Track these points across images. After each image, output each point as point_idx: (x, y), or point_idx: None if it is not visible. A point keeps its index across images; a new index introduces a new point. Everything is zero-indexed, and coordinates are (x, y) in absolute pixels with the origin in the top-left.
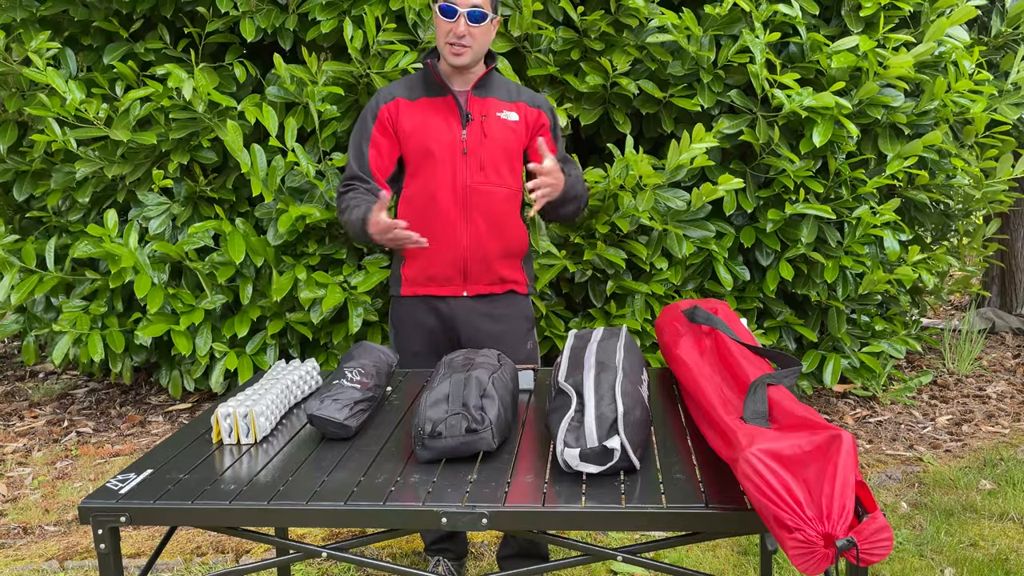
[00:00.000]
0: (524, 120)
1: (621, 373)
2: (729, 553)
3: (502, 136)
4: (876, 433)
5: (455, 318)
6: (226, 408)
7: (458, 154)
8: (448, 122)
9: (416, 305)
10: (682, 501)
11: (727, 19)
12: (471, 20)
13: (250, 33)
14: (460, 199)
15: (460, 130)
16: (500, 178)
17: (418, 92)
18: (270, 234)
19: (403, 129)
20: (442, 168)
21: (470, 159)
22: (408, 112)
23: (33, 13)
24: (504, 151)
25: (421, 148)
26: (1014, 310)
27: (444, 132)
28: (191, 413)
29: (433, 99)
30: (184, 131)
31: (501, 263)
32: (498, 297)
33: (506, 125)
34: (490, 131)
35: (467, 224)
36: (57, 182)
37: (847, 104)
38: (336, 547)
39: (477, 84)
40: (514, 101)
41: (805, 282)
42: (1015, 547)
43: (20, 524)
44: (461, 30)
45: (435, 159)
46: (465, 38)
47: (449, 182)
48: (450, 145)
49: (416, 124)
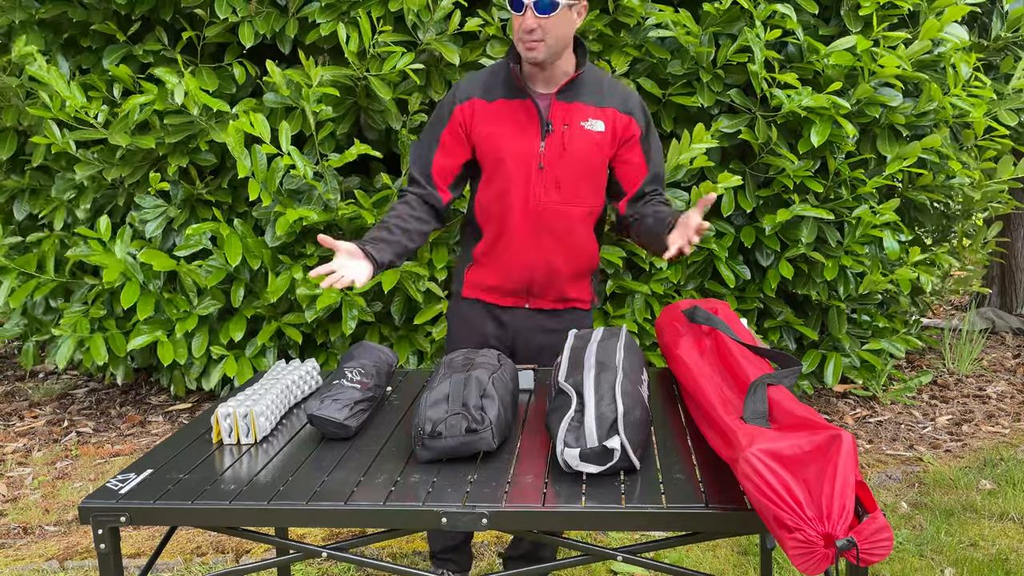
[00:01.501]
0: (612, 130)
1: (621, 373)
2: (729, 553)
3: (584, 151)
4: (876, 433)
5: (513, 328)
6: (226, 408)
7: (533, 169)
8: (526, 131)
9: (475, 308)
10: (682, 501)
11: (726, 17)
12: (539, 11)
13: (249, 39)
14: (532, 217)
15: (538, 142)
16: (577, 197)
17: (496, 93)
18: (268, 235)
19: (477, 133)
20: (515, 182)
21: (546, 175)
22: (484, 115)
23: (32, 15)
24: (585, 168)
25: (495, 157)
26: (1014, 310)
27: (520, 143)
28: (191, 413)
29: (511, 102)
30: (180, 135)
31: (568, 283)
32: (559, 312)
33: (590, 138)
34: (571, 145)
35: (536, 243)
36: (58, 189)
37: (845, 104)
38: (336, 547)
39: (564, 87)
40: (603, 107)
41: (805, 282)
42: (1015, 547)
43: (20, 524)
44: (530, 23)
45: (509, 171)
46: (535, 31)
47: (521, 198)
48: (525, 158)
49: (491, 130)
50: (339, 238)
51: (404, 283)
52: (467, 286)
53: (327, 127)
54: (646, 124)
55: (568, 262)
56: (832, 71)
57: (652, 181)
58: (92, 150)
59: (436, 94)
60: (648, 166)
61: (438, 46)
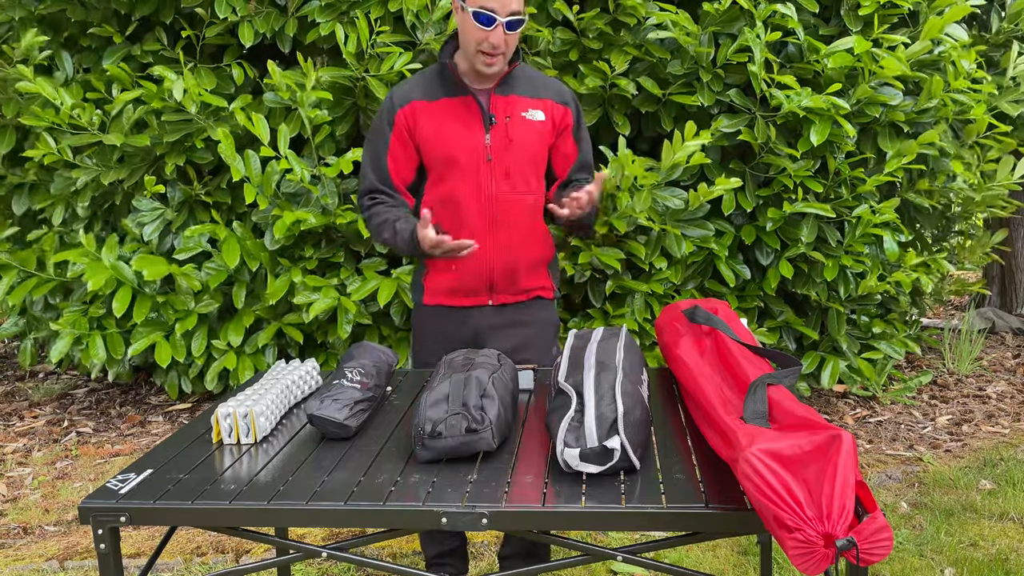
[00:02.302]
0: (551, 119)
1: (621, 373)
2: (729, 553)
3: (528, 140)
4: (876, 433)
5: (480, 327)
6: (226, 408)
7: (482, 161)
8: (470, 126)
9: (439, 314)
10: (682, 501)
11: (726, 17)
12: (509, 28)
13: (248, 38)
14: (485, 209)
15: (483, 135)
16: (527, 185)
17: (436, 92)
18: (267, 239)
19: (422, 135)
20: (466, 177)
21: (495, 166)
22: (426, 115)
23: (32, 12)
24: (531, 156)
25: (443, 155)
26: (1014, 310)
27: (467, 138)
28: (191, 413)
29: (453, 99)
30: (178, 133)
31: (528, 273)
32: (524, 304)
33: (532, 127)
34: (515, 135)
35: (493, 235)
36: (56, 188)
37: (844, 105)
38: (336, 547)
39: (500, 81)
40: (540, 97)
41: (805, 281)
42: (1015, 547)
43: (20, 524)
44: (498, 40)
45: (458, 167)
46: (499, 46)
47: (473, 191)
48: (474, 152)
49: (436, 129)
50: (337, 241)
51: (401, 293)
52: (427, 293)
53: (324, 130)
54: (578, 114)
55: (525, 251)
56: (832, 72)
57: (580, 168)
58: (87, 153)
59: None
60: (579, 154)
61: (437, 46)
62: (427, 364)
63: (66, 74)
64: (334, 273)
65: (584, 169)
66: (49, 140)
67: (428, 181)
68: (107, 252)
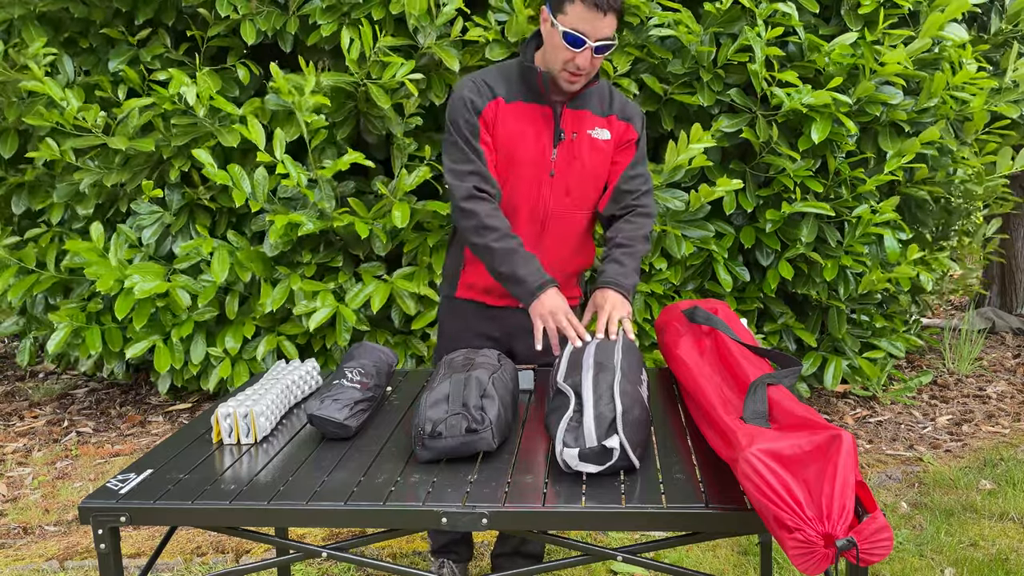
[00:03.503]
0: (615, 138)
1: (619, 373)
2: (729, 553)
3: (593, 160)
4: (876, 433)
5: (509, 328)
6: (226, 408)
7: (545, 175)
8: (540, 137)
9: (470, 309)
10: (682, 501)
11: (727, 17)
12: (597, 53)
13: (251, 36)
14: (539, 220)
15: (551, 148)
16: (586, 203)
17: (515, 93)
18: (266, 245)
19: (498, 133)
20: (526, 187)
21: (556, 183)
22: (505, 115)
23: (32, 10)
24: (593, 176)
25: (509, 159)
26: (1014, 310)
27: (535, 148)
28: (191, 413)
29: (529, 105)
30: (186, 137)
31: (565, 283)
32: None
33: (597, 146)
34: (580, 154)
35: (540, 246)
36: (60, 195)
37: (846, 100)
38: (336, 547)
39: (575, 96)
40: (606, 115)
41: (805, 282)
42: (1015, 547)
43: (20, 524)
44: (584, 62)
45: (522, 176)
46: (584, 67)
47: (532, 201)
48: (538, 164)
49: (510, 132)
50: (336, 245)
51: (398, 299)
52: (461, 287)
53: (320, 135)
54: (642, 132)
55: (568, 263)
56: (833, 68)
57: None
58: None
59: (436, 97)
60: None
61: (438, 51)
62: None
63: (67, 77)
64: (332, 277)
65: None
66: (51, 143)
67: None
68: (114, 252)
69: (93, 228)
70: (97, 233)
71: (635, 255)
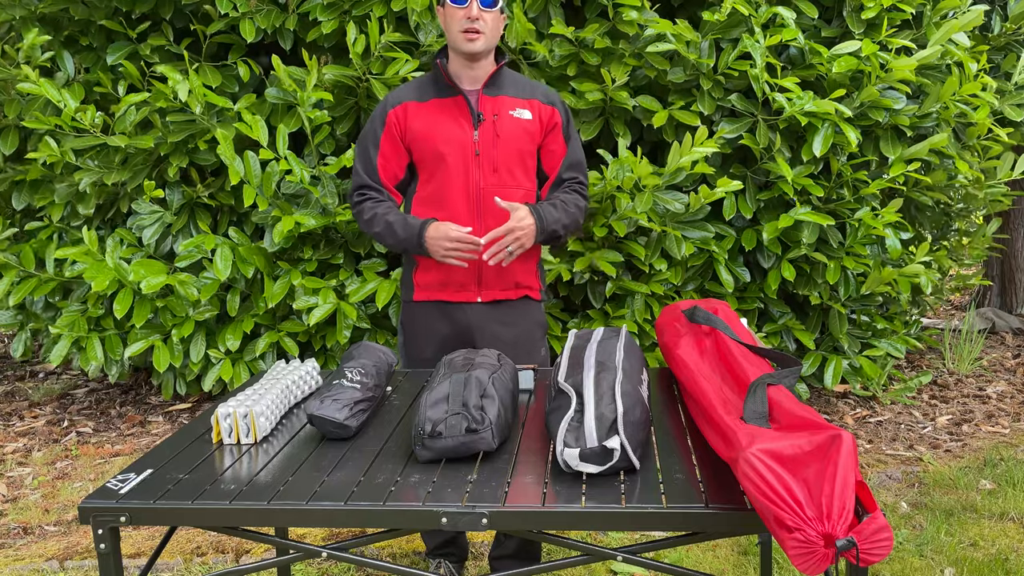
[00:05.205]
0: (538, 118)
1: (621, 373)
2: (729, 553)
3: (515, 136)
4: (876, 433)
5: (469, 324)
6: (226, 408)
7: (470, 156)
8: (459, 123)
9: (429, 311)
10: (682, 501)
11: (726, 24)
12: (483, 5)
13: (250, 34)
14: (474, 202)
15: (472, 131)
16: (514, 180)
17: (428, 94)
18: (267, 240)
19: (413, 132)
20: (454, 171)
21: (483, 161)
22: (417, 115)
23: (32, 11)
24: (518, 152)
25: (432, 151)
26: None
27: (455, 134)
28: (191, 413)
29: (443, 100)
30: (182, 133)
31: (516, 267)
32: (513, 303)
33: (519, 124)
34: (503, 131)
35: (481, 229)
36: (60, 195)
37: (847, 110)
38: (336, 547)
39: (488, 82)
40: (527, 98)
41: (807, 282)
42: (1015, 547)
43: (20, 524)
44: (474, 12)
45: (447, 162)
46: (478, 22)
47: (462, 185)
48: (462, 147)
49: (426, 126)
50: (337, 242)
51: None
52: (417, 290)
53: (323, 130)
54: (566, 115)
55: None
56: (837, 76)
57: (570, 168)
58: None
59: None
60: (567, 152)
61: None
62: (417, 361)
63: (67, 75)
64: (333, 274)
65: (574, 168)
66: (51, 142)
67: (418, 180)
68: (110, 253)
69: (86, 233)
70: (90, 237)
71: (568, 211)
